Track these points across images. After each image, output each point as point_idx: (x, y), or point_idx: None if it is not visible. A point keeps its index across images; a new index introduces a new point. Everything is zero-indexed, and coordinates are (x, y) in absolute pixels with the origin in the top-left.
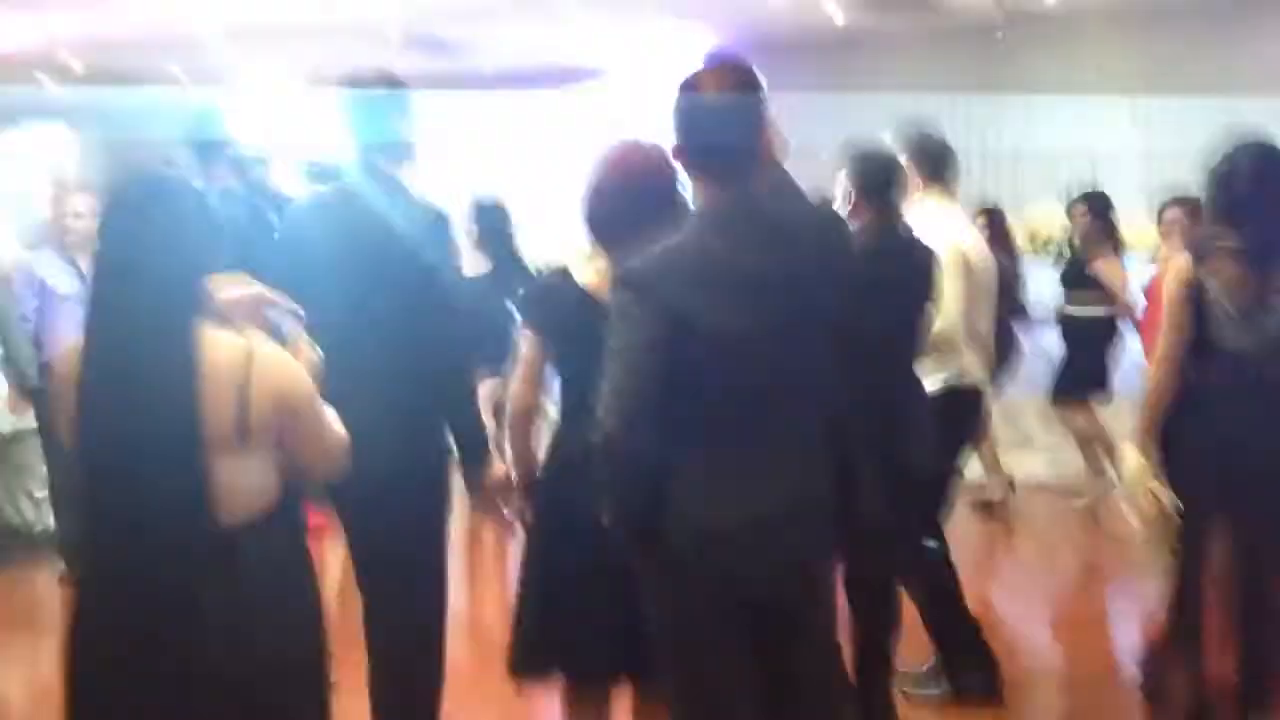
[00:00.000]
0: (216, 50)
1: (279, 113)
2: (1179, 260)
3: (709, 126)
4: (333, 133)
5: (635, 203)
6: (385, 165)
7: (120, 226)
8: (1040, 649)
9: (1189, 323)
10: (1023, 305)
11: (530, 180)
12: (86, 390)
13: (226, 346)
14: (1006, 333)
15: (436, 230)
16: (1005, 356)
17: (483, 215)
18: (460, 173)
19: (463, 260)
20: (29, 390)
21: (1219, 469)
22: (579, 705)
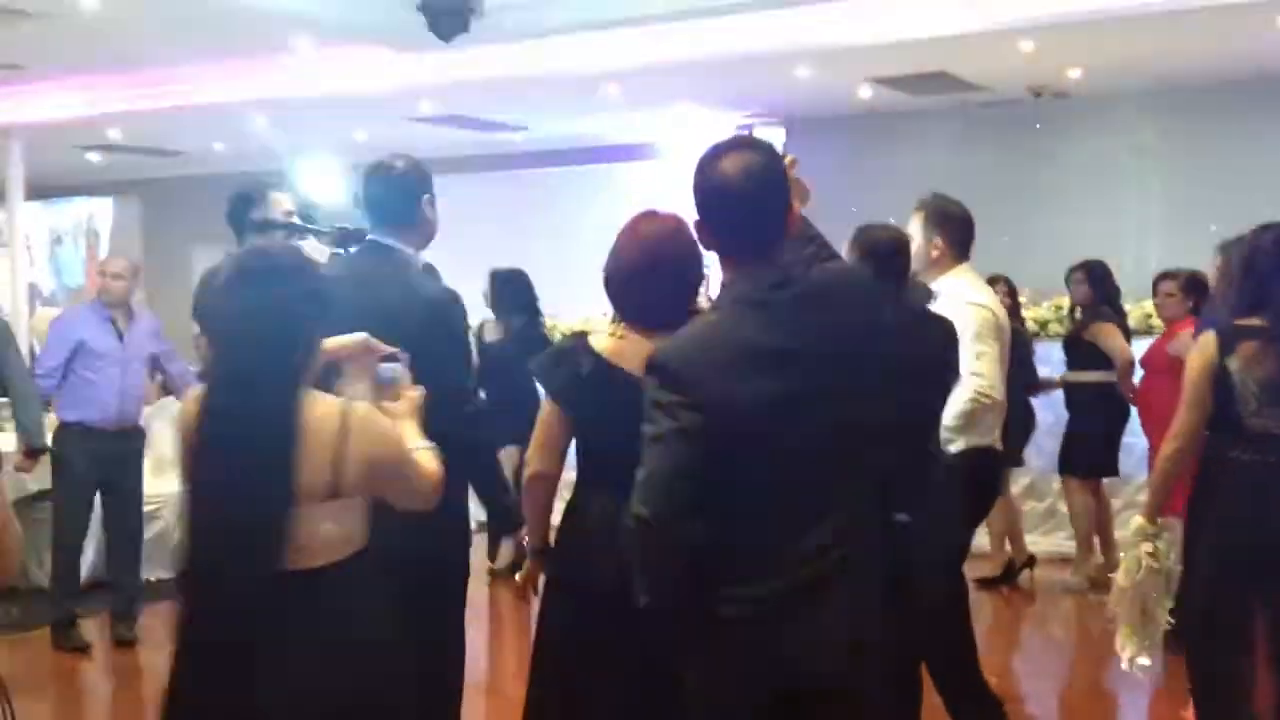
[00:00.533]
0: (257, 124)
1: (318, 187)
2: (1204, 338)
3: (728, 204)
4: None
5: (653, 272)
6: (401, 244)
7: (239, 297)
8: None
9: (1210, 400)
10: (1037, 376)
11: (562, 255)
12: (202, 440)
13: (324, 409)
14: (1023, 405)
15: (445, 307)
16: (1025, 428)
17: (501, 284)
18: (494, 248)
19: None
20: (37, 450)
21: (1253, 548)
22: None
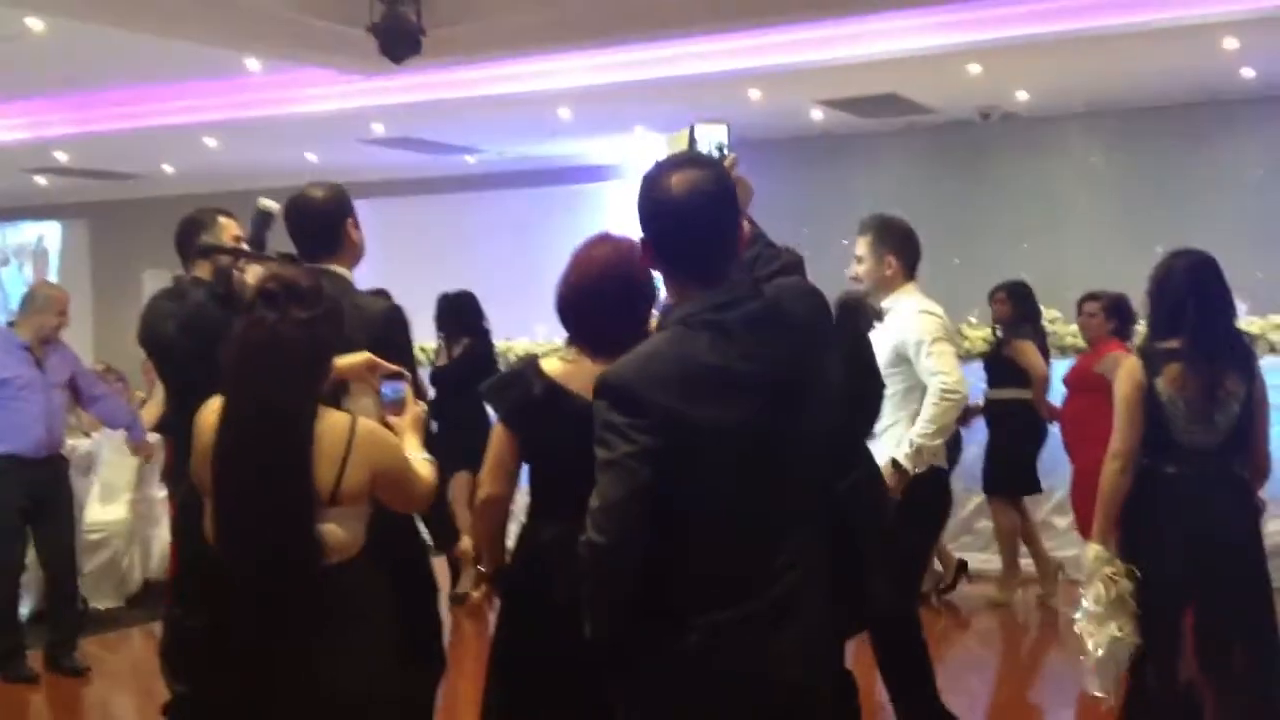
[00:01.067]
0: (208, 146)
1: (265, 210)
2: (1129, 361)
3: (676, 224)
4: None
5: (604, 296)
6: (335, 266)
7: (264, 321)
8: None
9: (1142, 420)
10: None
11: (516, 278)
12: (222, 447)
13: (333, 421)
14: None
15: (391, 322)
16: (955, 448)
17: (449, 307)
18: (447, 270)
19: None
20: None
21: (1188, 558)
22: None
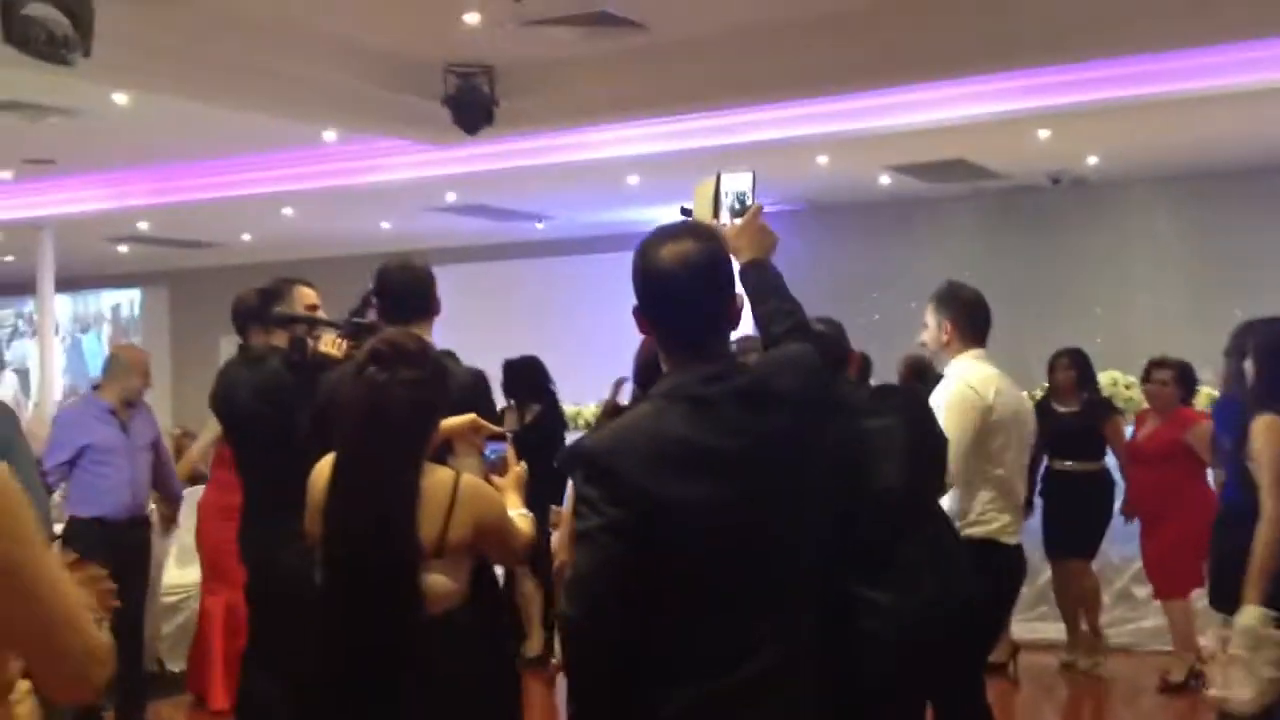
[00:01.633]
0: (285, 215)
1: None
2: (1272, 421)
3: (665, 295)
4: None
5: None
6: (422, 330)
7: (374, 381)
8: None
9: None
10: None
11: (586, 343)
12: (334, 501)
13: (439, 477)
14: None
15: (479, 386)
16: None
17: (516, 373)
18: (514, 335)
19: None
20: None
21: None
22: None
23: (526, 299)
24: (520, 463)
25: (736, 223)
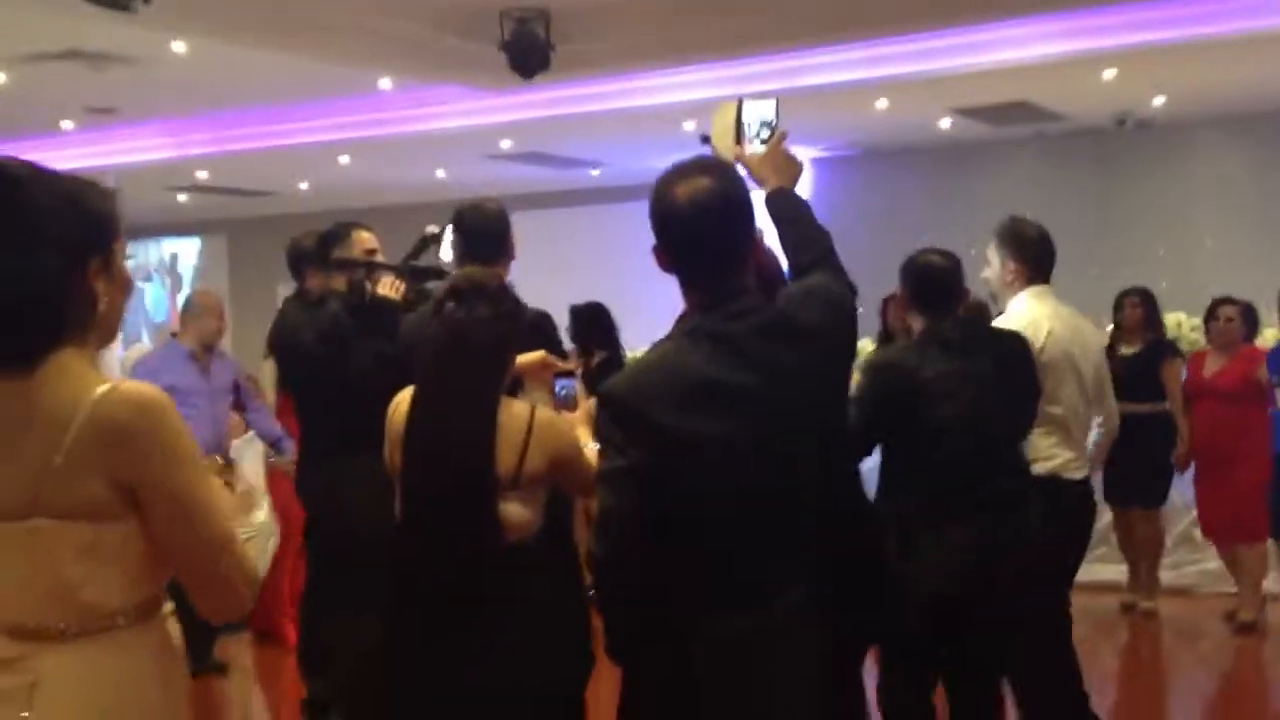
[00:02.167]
0: (341, 164)
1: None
2: None
3: (682, 233)
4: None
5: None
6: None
7: (454, 317)
8: None
9: None
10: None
11: (640, 290)
12: (414, 433)
13: (515, 411)
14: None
15: (546, 325)
16: None
17: (582, 319)
18: (570, 283)
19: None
20: None
21: None
22: None
23: (582, 246)
24: (590, 398)
25: (761, 150)
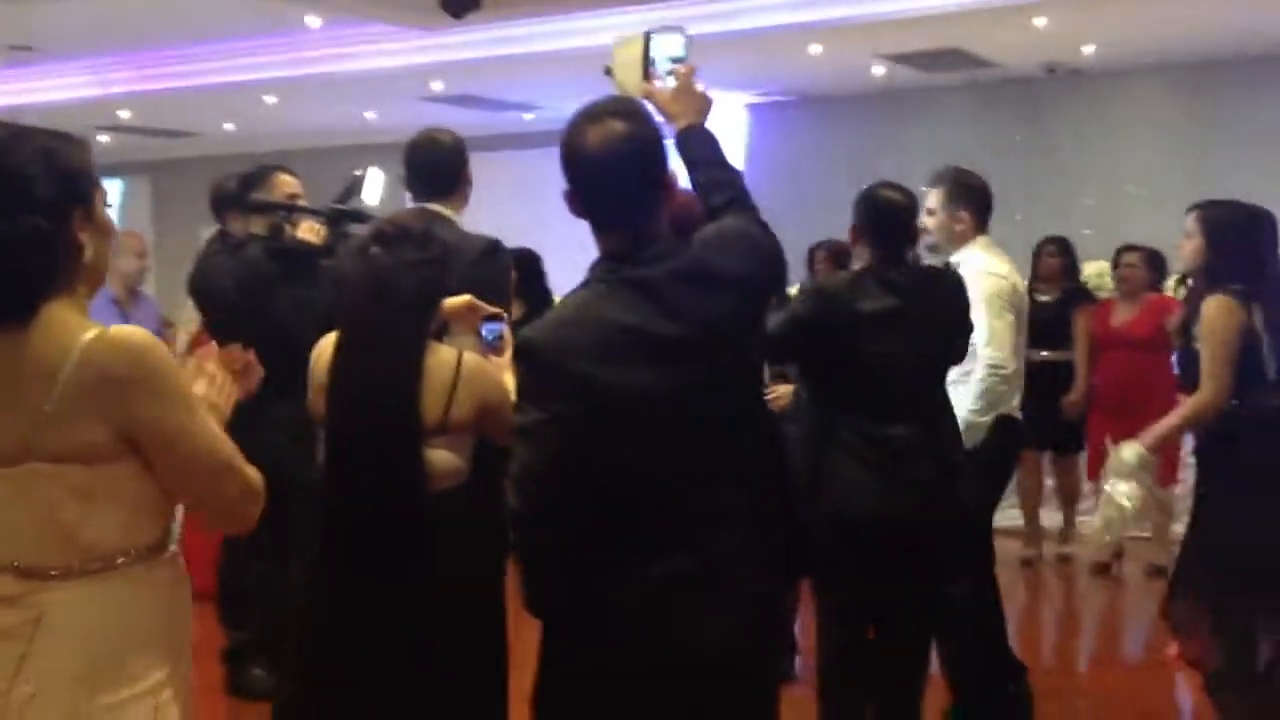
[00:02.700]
0: (267, 104)
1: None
2: (1225, 301)
3: (591, 177)
4: (378, 182)
5: None
6: (445, 209)
7: (379, 262)
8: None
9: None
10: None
11: (573, 236)
12: (338, 379)
13: (442, 357)
14: None
15: (490, 261)
16: None
17: (517, 264)
18: (504, 228)
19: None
20: None
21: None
22: None
23: (516, 191)
24: None
25: (670, 86)
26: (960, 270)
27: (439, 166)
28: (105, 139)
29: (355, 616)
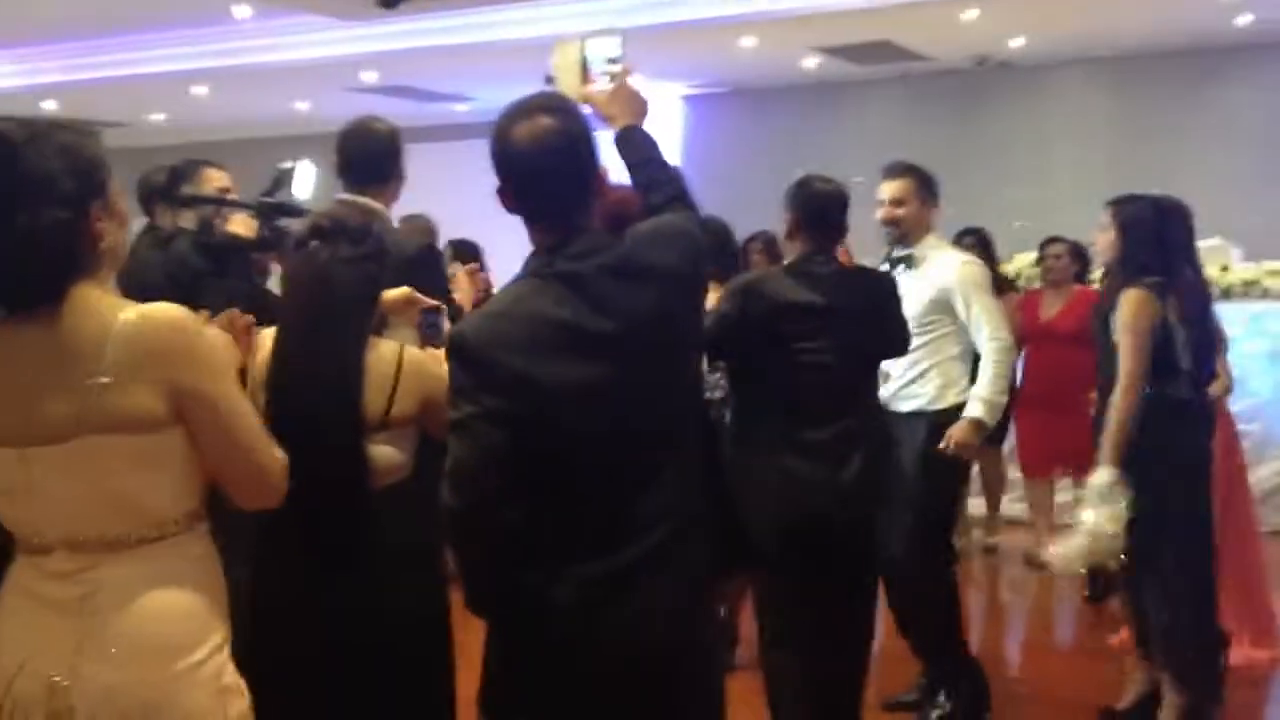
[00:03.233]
0: (197, 95)
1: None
2: (1140, 294)
3: (522, 172)
4: (308, 175)
5: None
6: (376, 201)
7: (318, 257)
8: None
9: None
10: None
11: (509, 228)
12: (279, 375)
13: (381, 353)
14: None
15: (424, 260)
16: None
17: (459, 254)
18: (440, 220)
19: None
20: None
21: (1203, 473)
22: None
23: (451, 181)
24: None
25: (608, 88)
26: (932, 260)
27: (373, 156)
28: None
29: (297, 616)
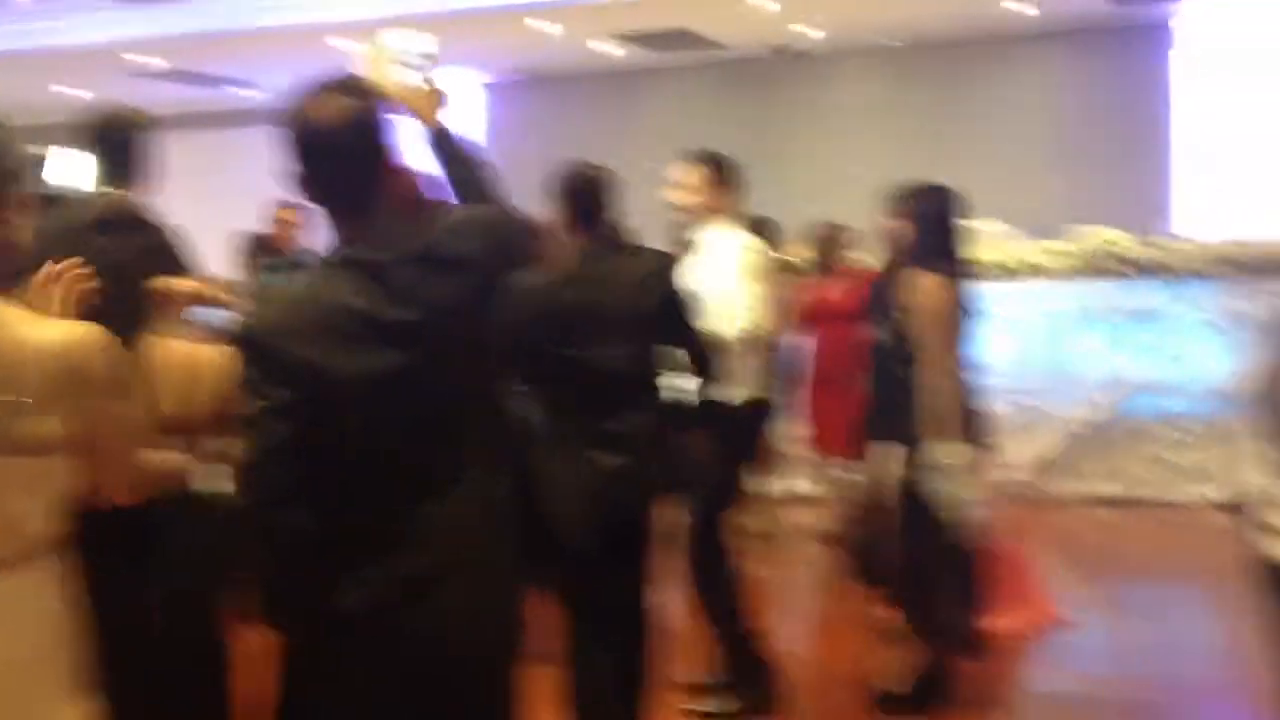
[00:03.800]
0: None
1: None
2: (935, 280)
3: (314, 155)
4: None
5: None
6: (132, 193)
7: (107, 250)
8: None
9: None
10: None
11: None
12: None
13: (176, 351)
14: None
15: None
16: None
17: (260, 247)
18: (233, 207)
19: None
20: None
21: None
22: None
23: (242, 168)
24: None
25: (421, 86)
26: (715, 244)
27: (122, 144)
28: None
29: (105, 624)
